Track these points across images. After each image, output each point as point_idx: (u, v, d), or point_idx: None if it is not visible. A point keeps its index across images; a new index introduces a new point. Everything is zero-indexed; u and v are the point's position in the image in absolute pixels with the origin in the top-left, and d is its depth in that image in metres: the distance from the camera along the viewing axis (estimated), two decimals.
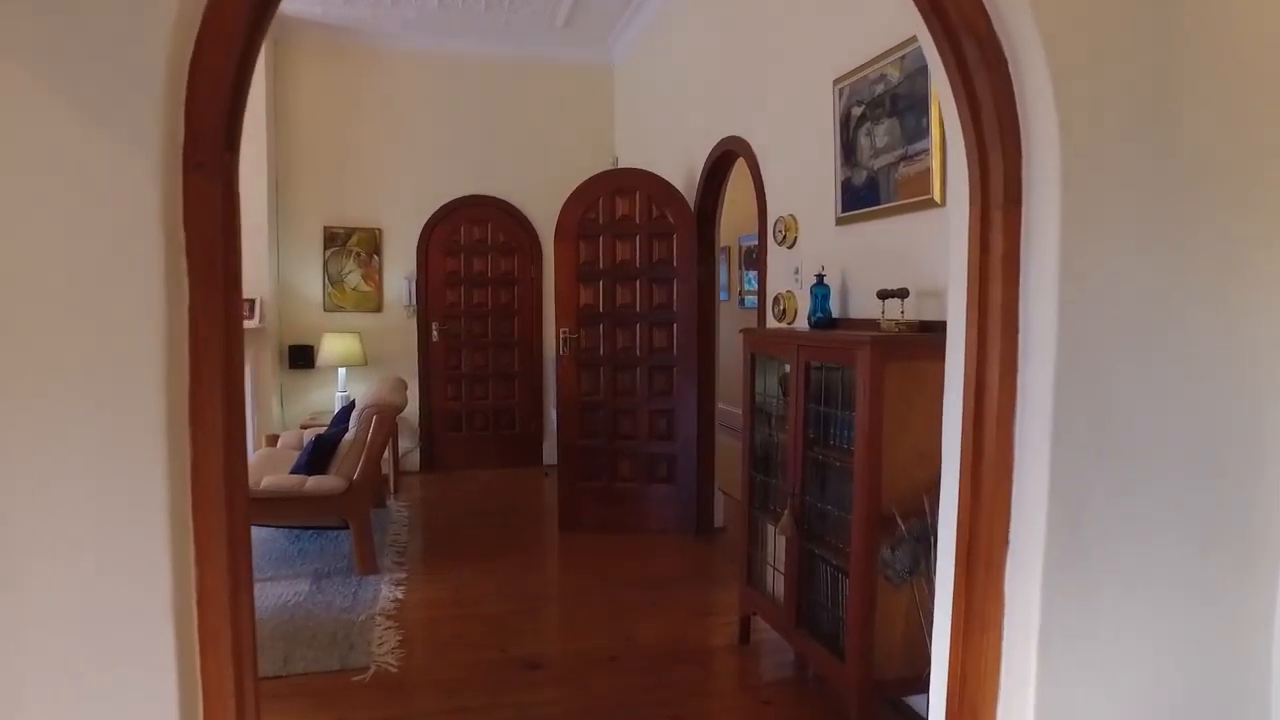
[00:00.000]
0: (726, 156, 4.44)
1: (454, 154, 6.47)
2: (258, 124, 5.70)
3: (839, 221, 3.15)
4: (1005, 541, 1.66)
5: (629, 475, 4.80)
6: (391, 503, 5.53)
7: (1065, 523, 1.60)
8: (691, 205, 4.76)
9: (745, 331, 3.19)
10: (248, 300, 5.67)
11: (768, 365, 3.10)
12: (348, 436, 4.05)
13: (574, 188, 4.76)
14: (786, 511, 2.77)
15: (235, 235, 1.43)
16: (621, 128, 6.55)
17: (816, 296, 3.09)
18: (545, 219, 6.32)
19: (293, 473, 4.00)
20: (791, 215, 3.52)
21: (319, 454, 4.00)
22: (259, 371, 5.82)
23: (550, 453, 6.30)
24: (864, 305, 2.96)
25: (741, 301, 7.89)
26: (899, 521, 2.27)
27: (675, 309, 4.67)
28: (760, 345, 3.10)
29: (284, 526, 4.42)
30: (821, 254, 3.29)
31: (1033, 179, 1.62)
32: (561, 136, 6.62)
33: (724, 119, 4.33)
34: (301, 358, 6.19)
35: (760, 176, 3.89)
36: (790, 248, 3.55)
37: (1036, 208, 1.62)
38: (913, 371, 2.36)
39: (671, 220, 4.64)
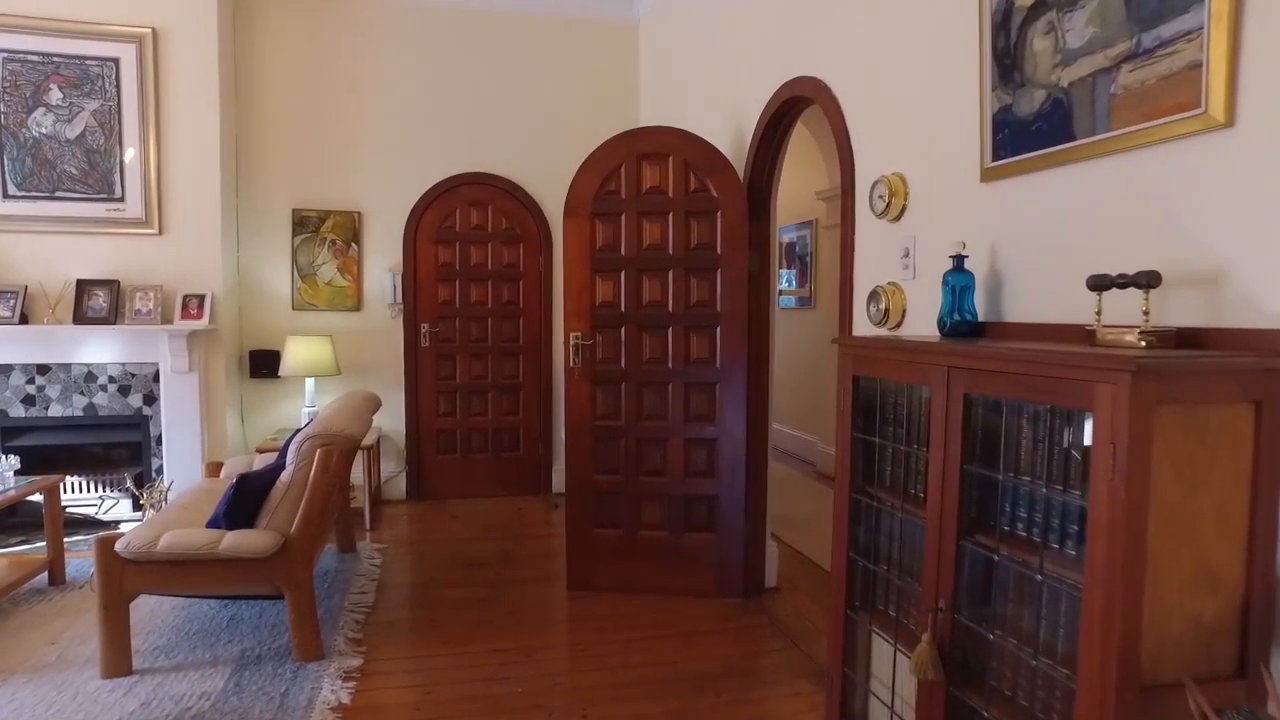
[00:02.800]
0: (789, 108, 3.37)
1: (449, 124, 5.45)
2: (209, 86, 4.71)
3: (988, 175, 2.07)
4: None
5: (657, 521, 3.74)
6: (364, 546, 4.50)
7: None
8: (741, 175, 3.70)
9: (846, 341, 2.11)
10: (195, 296, 4.68)
11: (882, 393, 2.02)
12: (283, 477, 3.02)
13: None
14: (925, 639, 1.70)
15: None
16: (649, 91, 5.49)
17: (952, 290, 2.02)
18: (556, 201, 5.30)
19: (210, 525, 2.98)
20: (898, 175, 2.45)
21: (244, 500, 2.98)
22: (208, 382, 4.82)
23: (560, 479, 5.26)
24: (1042, 301, 1.89)
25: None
26: (1202, 711, 1.19)
27: (719, 308, 3.61)
28: (873, 363, 2.01)
29: (196, 597, 3.39)
30: (952, 225, 2.22)
31: None
32: (576, 104, 5.57)
33: (786, 59, 3.27)
34: (266, 365, 5.18)
35: (844, 127, 2.82)
36: (894, 220, 2.47)
37: None
38: (1201, 424, 1.29)
39: (715, 193, 3.58)
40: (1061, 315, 1.81)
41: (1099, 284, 1.55)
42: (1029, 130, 1.91)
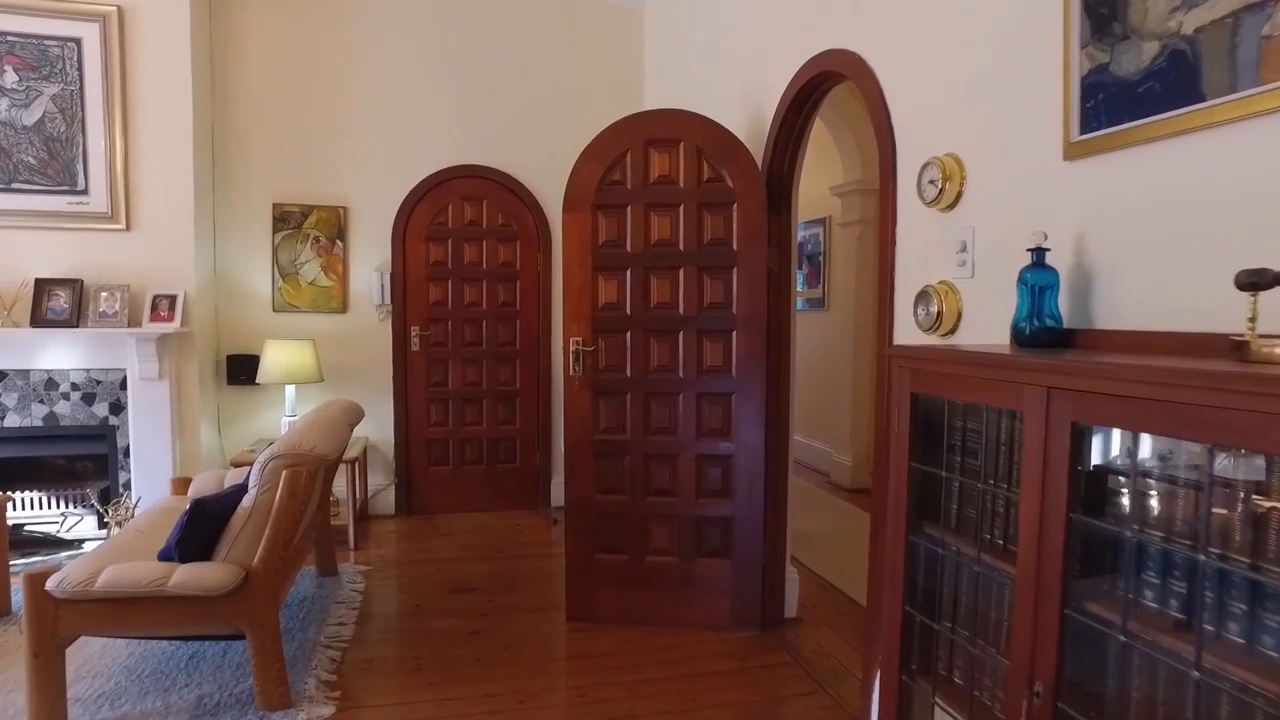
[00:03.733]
0: (815, 87, 3.02)
1: (441, 113, 5.10)
2: (181, 69, 4.35)
3: (1074, 151, 1.71)
4: None
5: (666, 546, 3.39)
6: (347, 568, 4.15)
7: None
8: (760, 162, 3.34)
9: (901, 352, 1.74)
10: (165, 297, 4.32)
11: (948, 415, 1.66)
12: (244, 503, 2.66)
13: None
14: None
15: None
16: (655, 75, 5.13)
17: (1031, 290, 1.66)
18: (555, 196, 4.95)
19: (161, 557, 2.63)
20: (952, 156, 2.09)
21: (200, 528, 2.62)
22: (180, 389, 4.46)
23: (560, 492, 4.91)
24: (1152, 305, 1.53)
25: None
26: None
27: (736, 310, 3.25)
28: (938, 379, 1.65)
29: (146, 638, 3.02)
30: (1023, 213, 1.86)
31: None
32: (577, 91, 5.22)
33: (812, 31, 2.91)
34: (244, 371, 4.83)
35: (883, 103, 2.46)
36: (948, 208, 2.12)
37: None
38: None
39: (731, 183, 3.22)
40: (1182, 321, 1.46)
41: (1256, 282, 1.19)
42: (1134, 93, 1.55)
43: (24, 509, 4.33)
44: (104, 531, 4.28)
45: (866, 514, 5.16)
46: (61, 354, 4.28)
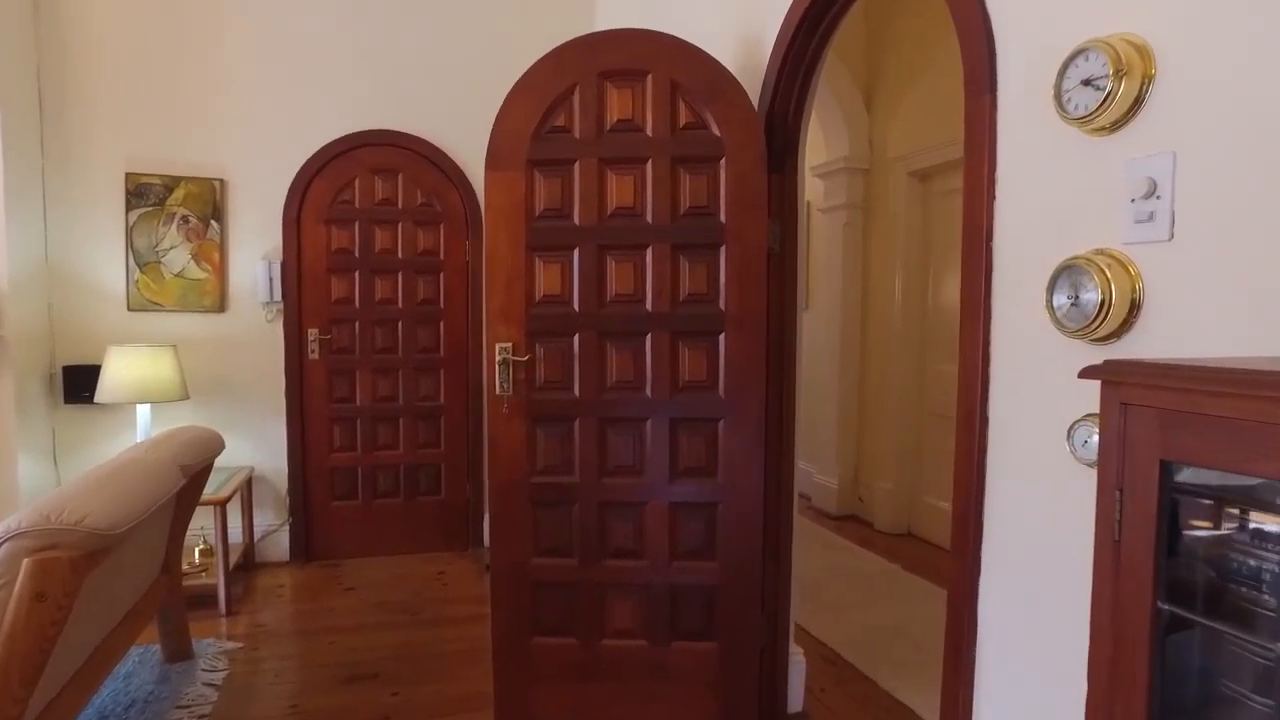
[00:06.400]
0: None
1: (345, 65, 4.12)
2: None
3: None
4: None
5: (630, 626, 2.49)
6: (210, 645, 3.15)
7: None
8: (757, 104, 2.47)
9: (1134, 375, 0.86)
10: None
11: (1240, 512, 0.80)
12: None
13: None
14: None
15: None
16: (610, 9, 4.22)
17: None
18: None
19: None
20: (1129, 40, 1.23)
21: None
22: None
23: None
24: None
25: None
26: None
27: (725, 305, 2.37)
28: (1225, 434, 0.78)
29: None
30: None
31: None
32: (519, 40, 4.28)
33: None
34: (88, 386, 3.78)
35: None
36: (1113, 128, 1.26)
37: None
38: None
39: (717, 131, 2.35)
40: None
41: None
42: None
43: None
44: None
45: (860, 550, 4.34)
46: None
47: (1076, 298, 1.26)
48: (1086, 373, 0.92)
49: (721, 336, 2.38)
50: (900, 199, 4.70)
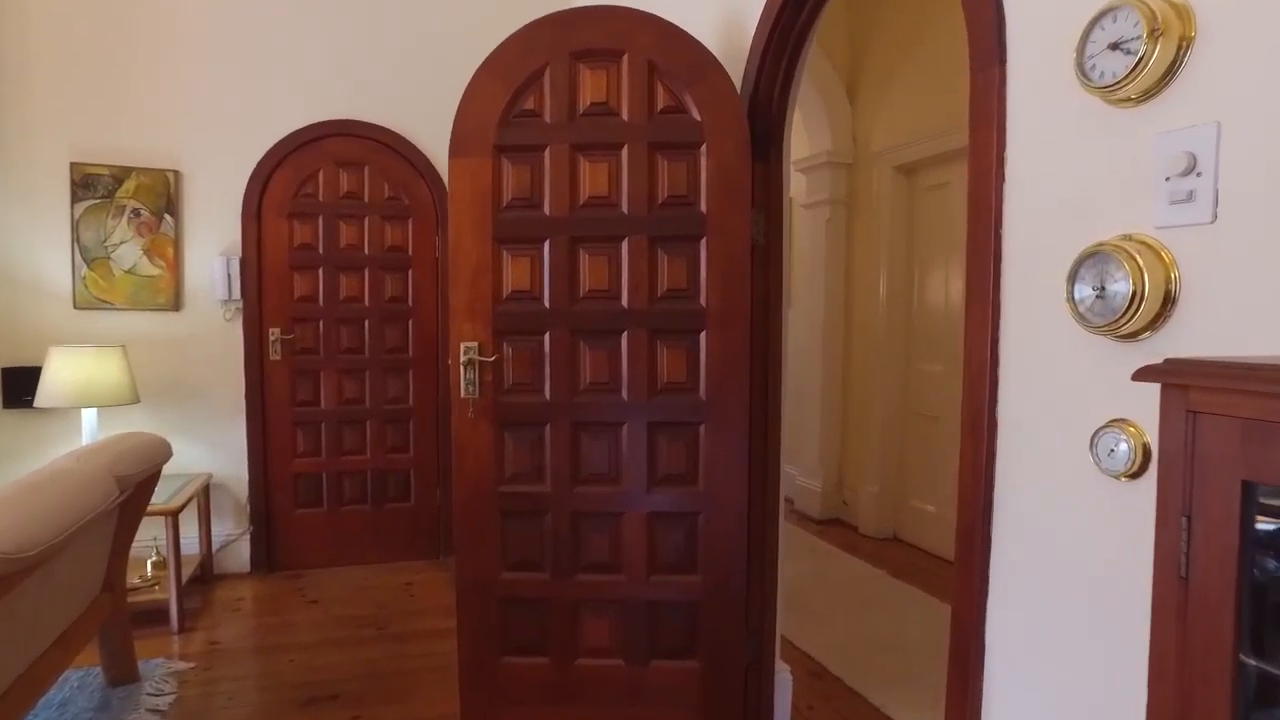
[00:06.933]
0: None
1: (310, 51, 3.93)
2: None
3: None
4: None
5: (606, 644, 2.33)
6: (157, 665, 2.95)
7: None
8: (739, 87, 2.32)
9: (1207, 378, 0.72)
10: None
11: None
12: None
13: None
14: None
15: None
16: None
17: None
18: None
19: None
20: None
21: None
22: None
23: None
24: None
25: None
26: None
27: (706, 301, 2.22)
28: None
29: None
30: None
31: None
32: (489, 24, 4.09)
33: None
34: (30, 389, 3.56)
35: None
36: (1145, 97, 1.11)
37: None
38: None
39: (698, 116, 2.20)
40: None
41: None
42: None
43: None
44: None
45: (845, 555, 4.22)
46: None
47: (1102, 289, 1.12)
48: (1143, 374, 0.78)
49: (702, 334, 2.23)
50: (885, 194, 4.58)
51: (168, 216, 3.77)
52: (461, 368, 2.24)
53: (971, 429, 1.40)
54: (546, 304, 2.25)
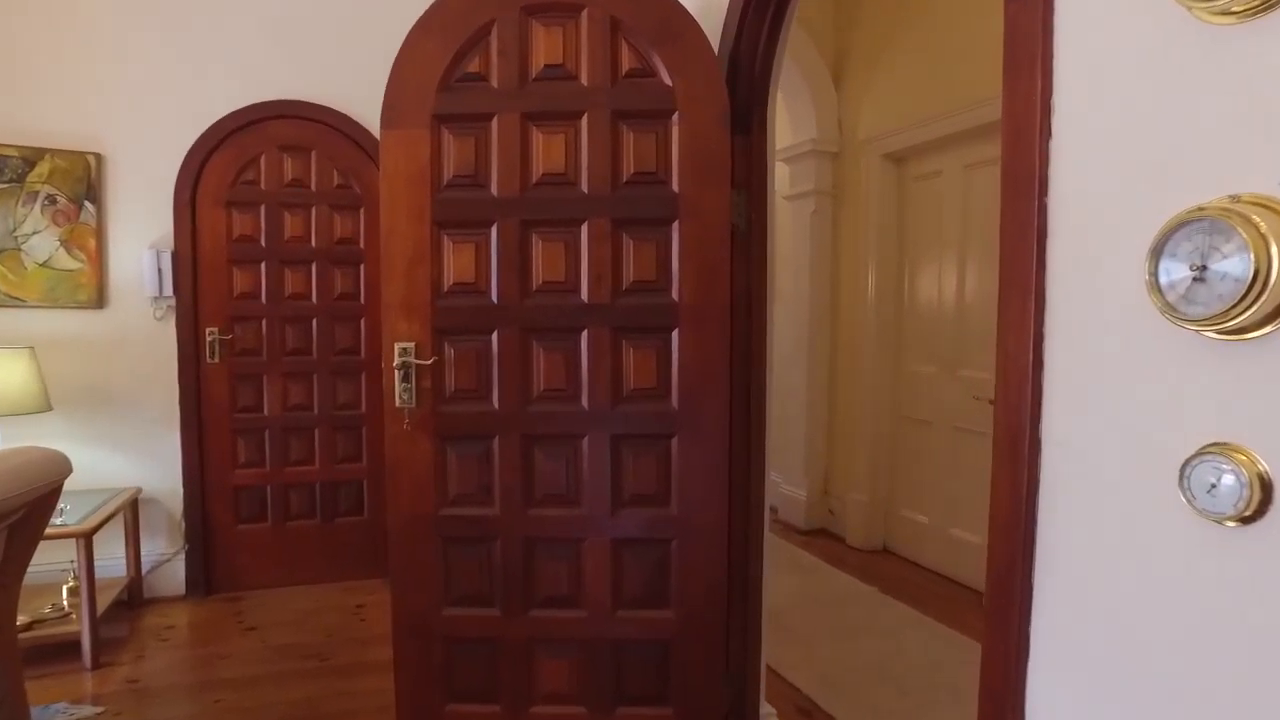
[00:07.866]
0: None
1: (248, 23, 3.59)
2: None
3: None
4: None
5: (566, 690, 2.03)
6: (62, 710, 2.60)
7: None
8: (717, 48, 2.03)
9: None
10: None
11: None
12: None
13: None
14: None
15: None
16: None
17: None
18: None
19: None
20: None
21: None
22: None
23: None
24: None
25: None
26: None
27: (678, 294, 1.92)
28: None
29: None
30: None
31: None
32: None
33: None
34: None
35: None
36: (1257, 12, 0.84)
37: None
38: None
39: (669, 80, 1.89)
40: None
41: None
42: None
43: None
44: None
45: (832, 569, 3.93)
46: None
47: (1204, 268, 0.83)
48: None
49: (674, 333, 1.93)
50: (873, 184, 4.30)
51: (88, 204, 3.42)
52: (396, 372, 1.93)
53: (1009, 450, 1.11)
54: (494, 298, 1.94)
